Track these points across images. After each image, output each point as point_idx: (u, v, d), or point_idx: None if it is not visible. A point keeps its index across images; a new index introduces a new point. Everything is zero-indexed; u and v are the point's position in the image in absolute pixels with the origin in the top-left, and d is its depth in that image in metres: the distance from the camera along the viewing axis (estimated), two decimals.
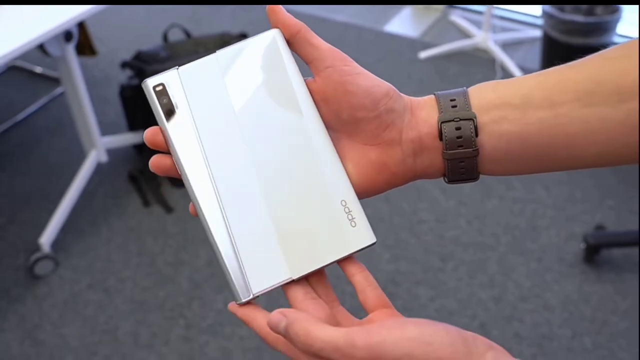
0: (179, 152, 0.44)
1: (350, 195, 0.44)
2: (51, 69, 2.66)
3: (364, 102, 0.43)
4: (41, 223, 1.97)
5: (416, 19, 3.07)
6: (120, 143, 2.20)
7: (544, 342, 1.67)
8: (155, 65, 2.10)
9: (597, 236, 1.85)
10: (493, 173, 0.46)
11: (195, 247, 1.97)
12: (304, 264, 0.43)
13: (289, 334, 0.38)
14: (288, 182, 0.44)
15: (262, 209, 0.43)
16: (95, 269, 1.92)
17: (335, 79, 0.44)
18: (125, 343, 1.72)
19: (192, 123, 0.44)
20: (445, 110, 0.44)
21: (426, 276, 1.85)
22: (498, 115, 0.43)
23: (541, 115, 0.42)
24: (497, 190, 2.11)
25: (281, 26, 0.45)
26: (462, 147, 0.43)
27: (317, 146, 0.44)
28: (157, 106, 0.44)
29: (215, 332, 1.73)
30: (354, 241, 0.44)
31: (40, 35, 1.60)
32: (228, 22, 3.04)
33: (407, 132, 0.44)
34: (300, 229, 0.43)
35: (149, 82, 0.45)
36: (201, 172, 0.43)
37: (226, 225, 0.43)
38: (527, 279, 1.83)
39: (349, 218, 0.44)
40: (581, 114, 0.41)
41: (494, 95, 0.44)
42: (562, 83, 0.42)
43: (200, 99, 0.44)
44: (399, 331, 0.36)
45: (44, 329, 1.76)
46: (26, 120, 2.51)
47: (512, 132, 0.43)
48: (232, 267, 0.43)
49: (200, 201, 0.43)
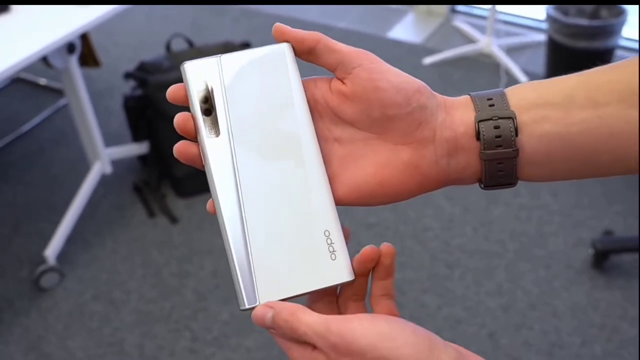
0: (207, 144, 0.42)
1: (335, 227, 0.43)
2: (55, 80, 2.66)
3: (396, 99, 0.42)
4: (46, 235, 1.96)
5: (419, 25, 3.06)
6: (125, 154, 2.20)
7: (554, 350, 1.66)
8: (159, 76, 2.09)
9: (605, 242, 1.83)
10: (532, 178, 0.44)
11: (200, 258, 1.96)
12: (275, 291, 0.41)
13: (275, 323, 0.39)
14: (272, 204, 0.42)
15: (243, 228, 0.42)
16: (100, 281, 1.91)
17: (364, 77, 0.42)
18: (131, 355, 1.71)
19: (226, 117, 0.43)
20: (483, 109, 0.42)
21: (433, 284, 1.84)
22: (539, 114, 0.41)
23: (585, 115, 0.41)
24: (503, 197, 2.09)
25: (296, 43, 0.44)
26: (501, 147, 0.41)
27: (309, 171, 0.43)
28: (192, 92, 0.43)
29: (221, 344, 1.72)
30: (331, 275, 0.42)
31: (43, 47, 1.60)
32: (230, 30, 3.04)
33: (442, 131, 0.42)
34: (277, 253, 0.42)
35: (187, 65, 0.43)
36: (227, 169, 0.42)
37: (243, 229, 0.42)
38: (535, 286, 1.81)
39: (329, 250, 0.42)
40: (626, 115, 0.40)
41: (534, 95, 0.42)
42: (605, 84, 0.41)
43: (237, 91, 0.43)
44: (370, 324, 0.38)
45: (49, 341, 1.75)
46: (30, 132, 2.51)
47: (554, 132, 0.41)
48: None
49: (222, 202, 0.42)
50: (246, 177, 0.42)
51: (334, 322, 0.38)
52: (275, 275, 0.42)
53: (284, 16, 3.11)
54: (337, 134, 0.44)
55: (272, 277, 0.41)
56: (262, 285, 0.41)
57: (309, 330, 0.38)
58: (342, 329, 0.38)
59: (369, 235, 1.98)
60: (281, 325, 0.39)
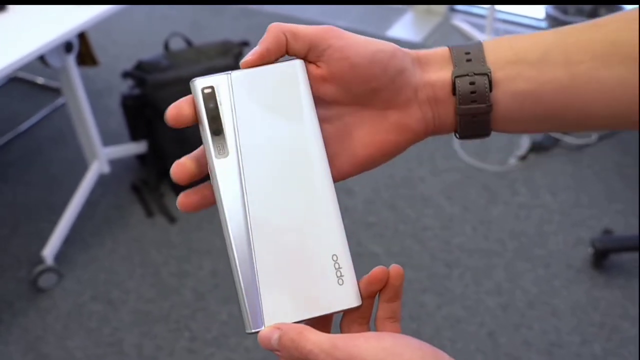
0: (216, 164, 0.42)
1: (343, 251, 0.42)
2: (53, 79, 2.65)
3: (374, 72, 0.42)
4: (44, 234, 1.95)
5: (418, 24, 3.06)
6: (123, 153, 2.19)
7: (553, 349, 1.65)
8: (157, 75, 2.09)
9: (604, 241, 1.83)
10: (505, 130, 0.45)
11: (199, 257, 1.95)
12: (280, 315, 0.41)
13: (282, 343, 0.39)
14: (281, 227, 0.42)
15: (250, 250, 0.41)
16: (99, 281, 1.90)
17: (337, 58, 0.42)
18: (130, 355, 1.71)
19: (235, 138, 0.42)
20: (460, 64, 0.43)
21: (432, 283, 1.83)
22: (514, 72, 0.42)
23: (558, 74, 0.42)
24: (502, 196, 2.09)
25: (274, 51, 0.43)
26: (476, 102, 0.43)
27: (318, 193, 0.42)
28: (201, 111, 0.42)
29: (220, 344, 1.72)
30: (337, 301, 0.42)
31: (40, 46, 1.59)
32: (229, 29, 3.03)
33: (422, 89, 0.44)
34: (284, 277, 0.41)
35: (197, 82, 0.42)
36: (235, 190, 0.42)
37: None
38: (534, 285, 1.81)
39: (337, 275, 0.42)
40: (598, 75, 0.41)
41: (510, 52, 0.43)
42: (580, 42, 0.42)
43: (246, 110, 0.43)
44: (375, 340, 0.38)
45: (47, 342, 1.75)
46: (28, 132, 2.50)
47: (527, 90, 0.42)
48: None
49: (230, 223, 0.41)
50: (254, 199, 0.42)
51: (340, 339, 0.38)
52: (282, 299, 0.41)
53: (283, 15, 3.10)
54: (323, 114, 0.44)
55: (278, 301, 0.41)
56: (268, 309, 0.41)
57: (315, 348, 0.38)
58: (348, 345, 0.38)
59: (368, 234, 1.97)
60: (288, 345, 0.39)
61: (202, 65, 2.09)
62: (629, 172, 2.14)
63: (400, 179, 2.16)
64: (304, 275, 0.42)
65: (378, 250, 1.93)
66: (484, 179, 2.16)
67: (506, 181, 2.14)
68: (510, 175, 2.17)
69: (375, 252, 1.92)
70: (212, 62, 2.11)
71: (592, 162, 2.19)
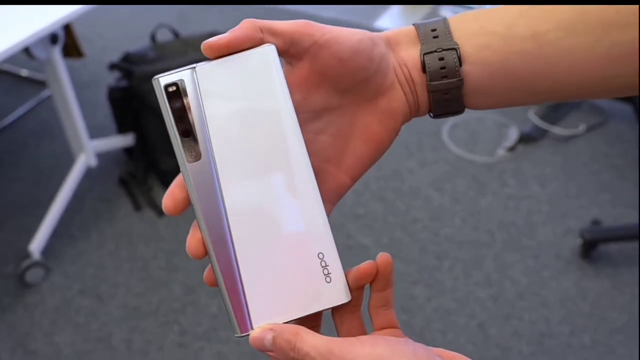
0: (188, 169, 0.40)
1: (329, 248, 0.41)
2: (37, 71, 2.62)
3: (361, 62, 0.42)
4: (30, 229, 1.93)
5: (406, 15, 3.05)
6: (110, 146, 2.17)
7: (543, 340, 1.66)
8: (144, 66, 2.07)
9: (593, 231, 1.84)
10: (478, 106, 0.45)
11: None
12: (269, 316, 0.40)
13: (277, 344, 0.39)
14: (263, 228, 0.40)
15: (232, 254, 0.40)
16: (87, 275, 1.89)
17: (324, 54, 0.41)
18: (119, 350, 1.70)
19: (206, 137, 0.40)
20: (427, 42, 0.43)
21: (422, 276, 1.83)
22: (481, 44, 0.42)
23: (525, 45, 0.42)
24: (491, 187, 2.09)
25: (240, 43, 0.40)
26: (447, 77, 0.43)
27: (301, 191, 0.41)
28: (167, 112, 0.40)
29: (210, 338, 1.71)
30: (326, 298, 0.41)
31: (25, 38, 1.57)
32: (216, 20, 3.01)
33: (398, 69, 0.44)
34: (270, 277, 0.40)
35: (161, 80, 0.40)
36: (212, 194, 0.40)
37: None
38: (524, 276, 1.81)
39: (324, 273, 0.41)
40: (565, 44, 0.41)
41: (476, 25, 0.43)
42: (546, 13, 0.42)
43: (215, 106, 0.40)
44: (370, 347, 0.38)
45: (35, 338, 1.73)
46: (13, 125, 2.47)
47: (496, 62, 0.42)
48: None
49: (208, 231, 0.41)
50: (232, 201, 0.40)
51: (336, 344, 0.38)
52: (270, 300, 0.40)
53: (271, 6, 3.08)
54: (316, 127, 0.43)
55: (265, 303, 0.40)
56: (256, 311, 0.40)
57: (312, 351, 0.38)
58: (343, 351, 0.37)
59: (357, 226, 1.97)
60: (283, 346, 0.39)
61: (189, 57, 2.07)
62: (617, 162, 2.15)
63: (389, 170, 2.16)
64: (290, 275, 0.41)
65: (367, 242, 1.93)
66: (472, 170, 2.16)
67: (495, 172, 2.14)
68: (498, 166, 2.17)
69: (364, 244, 1.92)
70: (200, 53, 2.08)
71: (581, 153, 2.20)
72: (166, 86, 0.40)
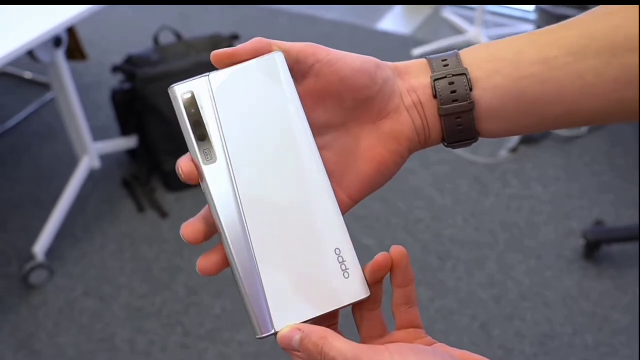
0: (205, 171, 0.41)
1: (345, 243, 0.42)
2: (41, 74, 2.63)
3: (363, 82, 0.43)
4: (34, 230, 1.94)
5: (408, 16, 3.05)
6: (113, 148, 2.18)
7: (546, 340, 1.66)
8: (147, 69, 2.07)
9: (596, 232, 1.84)
10: (491, 133, 0.45)
11: (190, 252, 1.94)
12: (289, 315, 0.40)
13: (304, 346, 0.39)
14: (279, 227, 0.41)
15: (250, 254, 0.41)
16: (90, 276, 1.89)
17: (326, 72, 0.42)
18: (122, 350, 1.70)
19: (221, 142, 0.41)
20: (438, 69, 0.44)
21: (425, 276, 1.84)
22: (491, 69, 0.43)
23: (534, 69, 0.42)
24: (493, 188, 2.09)
25: (244, 57, 0.42)
26: (457, 101, 0.43)
27: (314, 188, 0.42)
28: (183, 118, 0.41)
29: (213, 338, 1.71)
30: (346, 294, 0.41)
31: (29, 41, 1.58)
32: (218, 21, 3.02)
33: (406, 95, 0.44)
34: (288, 276, 0.41)
35: (176, 88, 0.41)
36: (228, 195, 0.41)
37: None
38: (526, 276, 1.82)
39: (342, 268, 0.41)
40: (575, 69, 0.41)
41: (485, 53, 0.44)
42: (555, 41, 0.42)
43: (229, 111, 0.42)
44: (400, 357, 0.37)
45: (39, 339, 1.74)
46: (16, 127, 2.48)
47: (506, 86, 0.43)
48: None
49: (228, 234, 0.41)
50: (249, 201, 0.41)
51: (364, 352, 0.37)
52: (288, 299, 0.41)
53: (272, 7, 3.09)
54: (320, 143, 0.43)
55: (285, 302, 0.41)
56: (276, 310, 0.40)
57: (339, 357, 0.38)
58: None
59: (359, 227, 1.97)
60: (309, 348, 0.39)
61: (191, 59, 2.08)
62: (619, 162, 2.15)
63: None
64: (308, 272, 0.41)
65: (370, 242, 1.93)
66: (474, 171, 2.16)
67: (497, 173, 2.15)
68: (500, 167, 2.17)
69: (367, 244, 1.92)
70: (202, 55, 2.10)
71: (583, 153, 2.20)
72: (182, 94, 0.41)
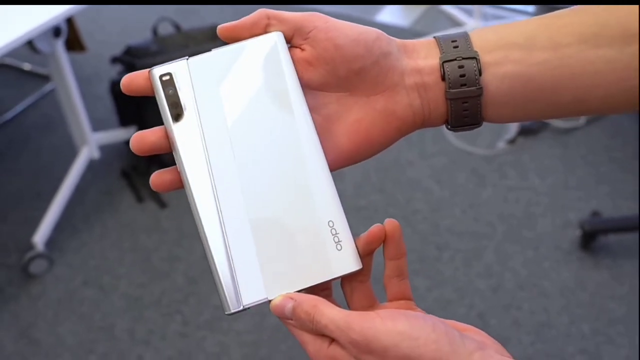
0: (182, 152, 0.42)
1: (339, 216, 0.42)
2: (40, 65, 2.63)
3: (357, 51, 0.42)
4: (33, 221, 1.95)
5: (406, 8, 3.06)
6: (112, 139, 2.18)
7: (542, 330, 1.67)
8: (146, 60, 2.08)
9: (593, 223, 1.85)
10: (496, 118, 0.45)
11: (190, 242, 1.95)
12: (281, 284, 0.41)
13: (296, 314, 0.39)
14: (274, 198, 0.42)
15: (246, 222, 0.42)
16: (90, 267, 1.90)
17: (322, 38, 0.42)
18: (121, 340, 1.71)
19: (197, 121, 0.42)
20: (447, 51, 0.43)
21: (423, 266, 1.85)
22: (501, 55, 0.42)
23: (545, 56, 0.42)
24: (491, 179, 2.10)
25: (249, 30, 0.44)
26: (466, 86, 0.42)
27: (309, 161, 0.42)
28: (162, 98, 0.43)
29: (212, 328, 1.72)
30: (338, 266, 0.42)
31: (28, 31, 1.58)
32: (216, 13, 3.02)
33: (409, 75, 0.43)
34: (281, 247, 0.42)
35: (155, 71, 0.43)
36: (202, 173, 0.42)
37: (223, 233, 0.42)
38: (523, 267, 1.83)
39: (335, 240, 0.42)
40: (586, 56, 0.41)
41: (496, 37, 0.43)
42: (566, 26, 0.42)
43: (207, 96, 0.43)
44: (391, 323, 0.38)
45: (39, 328, 1.75)
46: (16, 118, 2.48)
47: (516, 72, 0.42)
48: (224, 276, 0.42)
49: (199, 206, 0.43)
50: (220, 168, 0.42)
51: (355, 319, 0.38)
52: (282, 269, 0.41)
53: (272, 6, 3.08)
54: (310, 104, 0.44)
55: (277, 272, 0.41)
56: (269, 279, 0.41)
57: (330, 324, 0.38)
58: (363, 326, 0.38)
59: (357, 217, 1.98)
60: (301, 317, 0.39)
61: (191, 50, 2.08)
62: (616, 154, 2.16)
63: (389, 162, 2.17)
64: (301, 243, 0.42)
65: None
66: (472, 162, 2.17)
67: (495, 164, 2.16)
68: (499, 158, 2.18)
69: None
70: (201, 46, 2.10)
71: (580, 145, 2.21)
72: (161, 75, 0.43)
